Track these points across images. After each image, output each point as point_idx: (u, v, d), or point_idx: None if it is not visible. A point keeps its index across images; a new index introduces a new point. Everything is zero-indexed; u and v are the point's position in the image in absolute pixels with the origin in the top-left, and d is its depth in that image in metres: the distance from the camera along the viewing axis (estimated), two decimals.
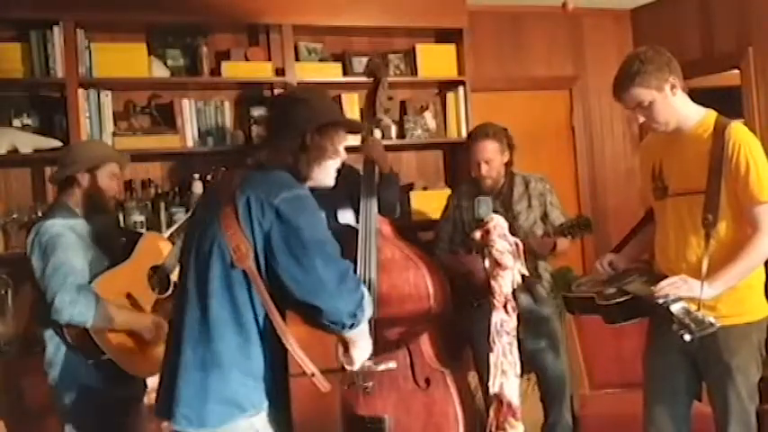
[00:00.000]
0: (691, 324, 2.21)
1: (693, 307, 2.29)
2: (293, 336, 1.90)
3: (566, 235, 3.26)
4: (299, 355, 1.89)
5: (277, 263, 1.90)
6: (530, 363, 3.47)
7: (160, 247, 2.98)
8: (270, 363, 1.94)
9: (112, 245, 2.86)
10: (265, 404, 1.95)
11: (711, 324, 2.21)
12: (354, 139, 3.73)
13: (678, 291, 2.34)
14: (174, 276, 2.90)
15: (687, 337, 2.22)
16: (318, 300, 1.89)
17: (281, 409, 1.95)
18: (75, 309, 2.56)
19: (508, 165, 3.50)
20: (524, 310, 3.28)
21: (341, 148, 2.16)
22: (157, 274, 2.92)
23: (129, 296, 2.79)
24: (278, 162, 2.04)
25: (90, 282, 2.65)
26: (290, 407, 1.94)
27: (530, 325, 3.34)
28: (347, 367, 2.13)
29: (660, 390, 2.61)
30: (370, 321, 3.08)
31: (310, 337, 1.91)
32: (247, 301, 1.92)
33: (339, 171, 2.21)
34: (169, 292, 2.91)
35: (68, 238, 2.67)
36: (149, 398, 3.06)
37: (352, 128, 2.26)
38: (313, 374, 1.89)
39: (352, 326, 1.94)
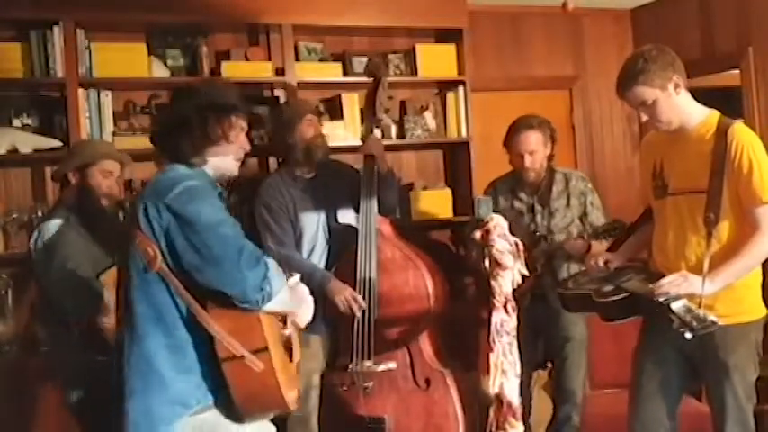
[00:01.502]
0: (692, 322, 2.21)
1: (695, 305, 2.29)
2: (218, 323, 1.93)
3: (599, 239, 3.20)
4: (226, 340, 1.91)
5: (179, 257, 1.94)
6: (551, 354, 3.46)
7: None
8: (206, 356, 1.96)
9: (116, 240, 2.86)
10: (211, 398, 1.97)
11: (713, 322, 2.21)
12: (354, 139, 3.75)
13: (679, 288, 2.35)
14: None
15: (688, 335, 2.22)
16: (221, 284, 1.91)
17: (229, 397, 1.96)
18: (82, 303, 2.58)
19: (550, 159, 3.42)
20: (555, 310, 3.28)
21: (233, 134, 2.12)
22: None
23: None
24: (170, 152, 2.08)
25: (97, 277, 2.66)
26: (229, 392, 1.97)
27: (554, 323, 3.33)
28: (291, 329, 2.15)
29: (649, 387, 2.61)
30: (366, 315, 3.10)
31: (236, 321, 1.93)
32: (168, 301, 1.96)
33: (338, 172, 2.20)
34: None
35: (69, 235, 2.69)
36: None
37: (229, 109, 2.14)
38: (243, 356, 1.91)
39: (263, 300, 1.94)
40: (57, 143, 3.61)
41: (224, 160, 2.13)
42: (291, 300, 2.10)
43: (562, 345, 3.39)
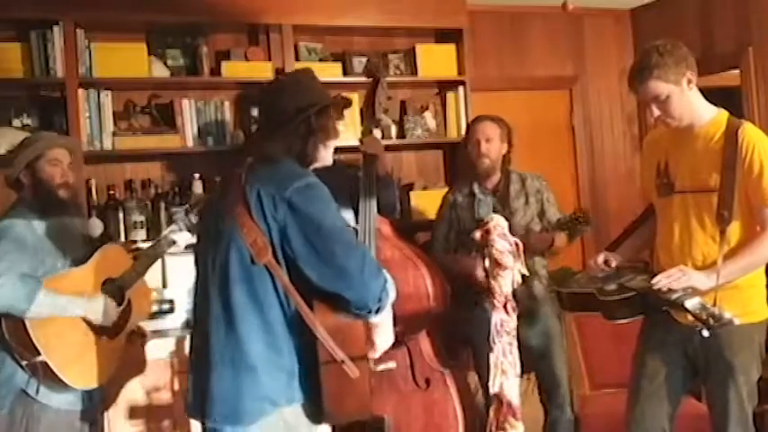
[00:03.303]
0: (709, 319, 2.20)
1: (709, 302, 2.28)
2: (322, 324, 1.90)
3: (564, 230, 3.28)
4: (329, 344, 1.89)
5: (296, 255, 1.90)
6: (528, 361, 3.48)
7: (119, 261, 2.84)
8: (300, 355, 1.94)
9: (73, 249, 2.75)
10: (298, 396, 1.95)
11: (730, 320, 2.20)
12: (354, 139, 3.75)
13: (678, 282, 2.34)
14: (129, 293, 2.78)
15: (705, 333, 2.22)
16: (342, 288, 1.89)
17: (317, 398, 1.94)
18: (13, 295, 2.45)
19: (505, 160, 3.51)
20: (521, 308, 3.30)
21: (339, 127, 2.18)
22: (110, 287, 2.75)
23: None
24: (285, 151, 2.03)
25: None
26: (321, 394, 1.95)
27: (527, 323, 3.34)
28: (369, 355, 2.11)
29: (650, 389, 2.60)
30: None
31: (337, 325, 1.92)
32: (271, 295, 1.92)
33: (338, 171, 2.23)
34: (121, 307, 2.75)
35: (18, 231, 2.60)
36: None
37: (346, 105, 2.26)
38: (343, 361, 1.90)
39: (378, 310, 1.94)
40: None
41: (329, 153, 2.15)
42: (389, 316, 2.07)
43: (533, 349, 3.39)
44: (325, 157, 2.14)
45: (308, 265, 1.89)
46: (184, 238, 2.80)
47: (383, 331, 2.10)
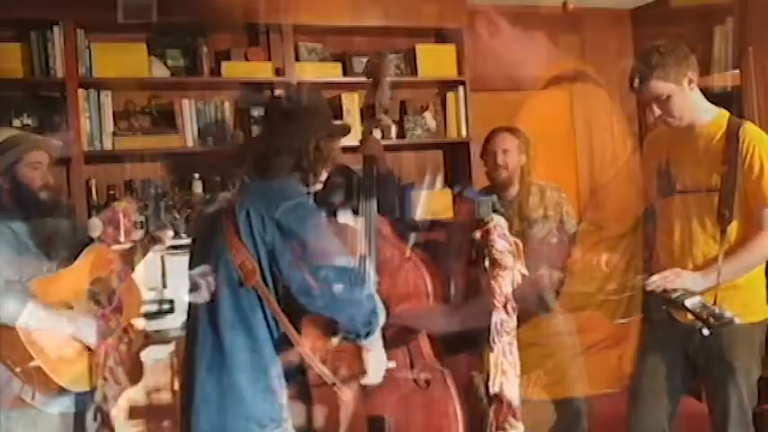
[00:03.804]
0: (709, 318, 2.20)
1: (710, 301, 2.28)
2: (310, 347, 1.89)
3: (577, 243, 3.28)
4: (318, 367, 1.89)
5: (284, 276, 1.88)
6: (539, 365, 3.47)
7: (108, 260, 2.80)
8: (289, 377, 1.93)
9: (58, 250, 2.70)
10: (286, 417, 1.93)
11: (731, 319, 2.20)
12: (354, 140, 3.75)
13: (671, 284, 2.35)
14: (119, 291, 2.72)
15: (706, 332, 2.22)
16: (331, 311, 1.88)
17: (309, 420, 1.96)
18: (2, 306, 2.42)
19: (524, 171, 3.52)
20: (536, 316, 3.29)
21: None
22: (99, 287, 2.70)
23: (67, 306, 2.63)
24: (292, 167, 2.02)
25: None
26: (312, 417, 1.95)
27: (541, 330, 3.34)
28: (362, 382, 2.10)
29: (650, 388, 2.61)
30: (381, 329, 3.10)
31: (327, 347, 1.92)
32: (260, 317, 1.90)
33: (335, 172, 2.24)
34: (112, 306, 2.72)
35: (1, 236, 2.57)
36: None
37: (347, 133, 2.34)
38: (334, 384, 1.90)
39: (367, 334, 1.93)
40: (57, 143, 3.59)
41: (324, 177, 2.16)
42: (380, 342, 2.05)
43: (544, 354, 3.38)
44: (322, 181, 2.16)
45: (297, 287, 1.87)
46: (168, 235, 2.81)
47: (375, 357, 2.08)
